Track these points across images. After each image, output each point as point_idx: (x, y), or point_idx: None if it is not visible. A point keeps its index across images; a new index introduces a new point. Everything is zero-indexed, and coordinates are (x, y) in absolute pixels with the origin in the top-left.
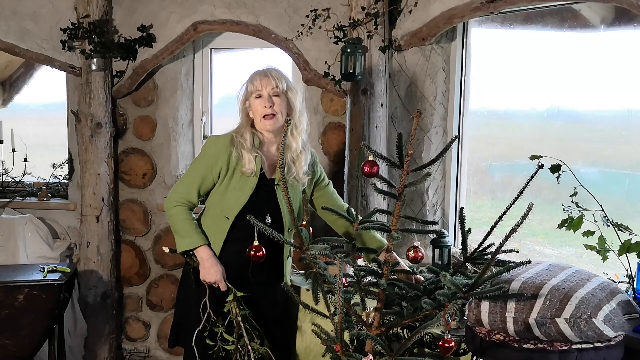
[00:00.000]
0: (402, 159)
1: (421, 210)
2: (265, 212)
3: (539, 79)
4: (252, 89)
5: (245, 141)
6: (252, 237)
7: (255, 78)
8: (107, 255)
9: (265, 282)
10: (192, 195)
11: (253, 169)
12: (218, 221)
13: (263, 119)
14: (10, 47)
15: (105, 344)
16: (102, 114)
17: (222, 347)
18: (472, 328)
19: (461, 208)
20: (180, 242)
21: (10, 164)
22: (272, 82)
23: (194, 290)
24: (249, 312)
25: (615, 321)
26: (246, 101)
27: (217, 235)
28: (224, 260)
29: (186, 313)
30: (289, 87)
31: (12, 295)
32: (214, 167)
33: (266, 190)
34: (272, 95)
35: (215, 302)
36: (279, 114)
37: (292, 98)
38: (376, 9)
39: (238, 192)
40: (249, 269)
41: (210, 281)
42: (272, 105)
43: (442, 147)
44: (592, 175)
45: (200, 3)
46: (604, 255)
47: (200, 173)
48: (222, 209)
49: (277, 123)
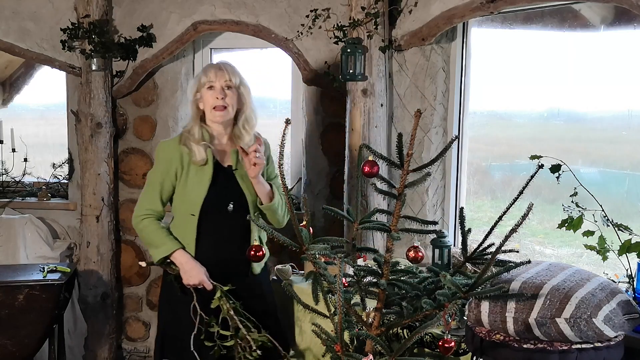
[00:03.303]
0: (402, 159)
1: (421, 210)
2: (227, 200)
3: (539, 79)
4: (205, 80)
5: (193, 135)
6: (222, 228)
7: (209, 70)
8: (107, 255)
9: (237, 274)
10: (156, 204)
11: (204, 157)
12: (185, 221)
13: (213, 110)
14: (10, 47)
15: (105, 344)
16: (102, 114)
17: (221, 346)
18: (472, 328)
19: (461, 208)
20: (155, 252)
21: (10, 164)
22: (226, 75)
23: (180, 298)
24: (239, 304)
25: (615, 321)
26: (197, 92)
27: (188, 235)
28: (202, 258)
29: (174, 324)
30: (242, 82)
31: (12, 295)
32: (170, 170)
33: (225, 178)
34: (225, 88)
35: (206, 304)
36: (229, 106)
37: (244, 93)
38: (376, 9)
39: (197, 185)
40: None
41: (194, 283)
42: (224, 97)
43: (442, 147)
44: (592, 175)
45: (200, 3)
46: (604, 255)
47: (158, 180)
48: (187, 208)
49: (227, 115)
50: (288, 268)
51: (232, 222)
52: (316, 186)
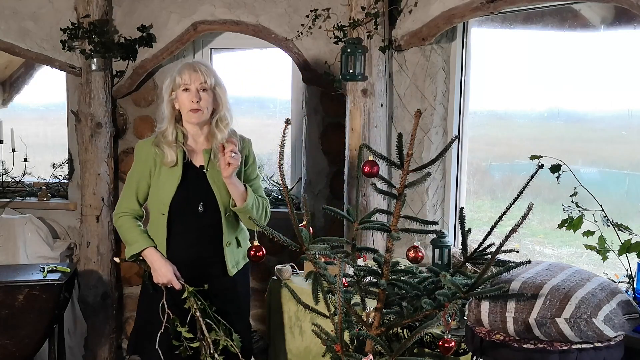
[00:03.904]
0: (402, 159)
1: (421, 210)
2: (197, 200)
3: (539, 79)
4: (180, 82)
5: (167, 136)
6: (193, 228)
7: (183, 72)
8: (107, 255)
9: (210, 275)
10: (132, 203)
11: (174, 159)
12: (157, 221)
13: (189, 112)
14: (10, 47)
15: (105, 344)
16: (102, 114)
17: (187, 347)
18: (472, 328)
19: (461, 208)
20: (127, 250)
21: (10, 164)
22: (201, 77)
23: (153, 296)
24: (208, 304)
25: (615, 321)
26: (173, 92)
27: (159, 234)
28: (173, 258)
29: (147, 321)
30: (217, 83)
31: (12, 295)
32: (144, 170)
33: (195, 177)
34: (200, 90)
35: (176, 303)
36: (204, 109)
37: (219, 93)
38: (376, 9)
39: (166, 185)
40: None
41: (163, 282)
42: (199, 100)
43: (442, 147)
44: (592, 175)
45: (200, 3)
46: (604, 255)
47: (135, 179)
48: (157, 207)
49: (202, 117)
50: (288, 268)
51: (202, 222)
52: (316, 186)
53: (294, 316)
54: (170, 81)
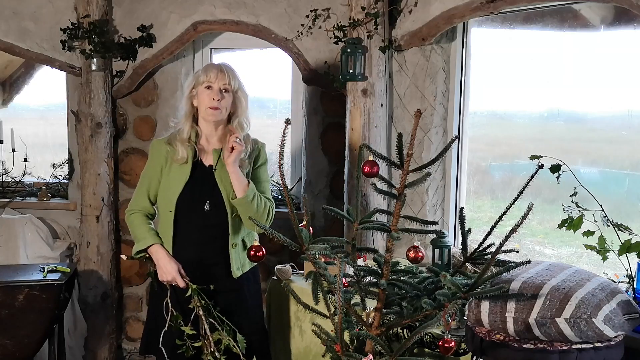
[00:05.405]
0: (402, 159)
1: (421, 210)
2: (204, 199)
3: (539, 79)
4: (204, 79)
5: (182, 134)
6: (199, 227)
7: (210, 70)
8: (107, 255)
9: (215, 274)
10: (144, 201)
11: (184, 156)
12: (165, 218)
13: (208, 109)
14: (10, 47)
15: (105, 344)
16: (102, 114)
17: (190, 345)
18: (472, 328)
19: (461, 208)
20: (135, 246)
21: (10, 164)
22: (226, 78)
23: (159, 294)
24: (211, 303)
25: (615, 321)
26: (194, 89)
27: (166, 232)
28: (179, 256)
29: (154, 319)
30: (240, 87)
31: (12, 295)
32: (156, 168)
33: (203, 176)
34: (222, 90)
35: (183, 301)
36: (223, 109)
37: (241, 97)
38: (376, 9)
39: (174, 182)
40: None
41: (167, 280)
42: (220, 99)
43: (442, 147)
44: (592, 175)
45: (200, 3)
46: (604, 255)
47: (147, 176)
48: (165, 204)
49: (220, 116)
50: (288, 268)
51: (208, 221)
52: (316, 186)
53: (294, 316)
54: (193, 78)
